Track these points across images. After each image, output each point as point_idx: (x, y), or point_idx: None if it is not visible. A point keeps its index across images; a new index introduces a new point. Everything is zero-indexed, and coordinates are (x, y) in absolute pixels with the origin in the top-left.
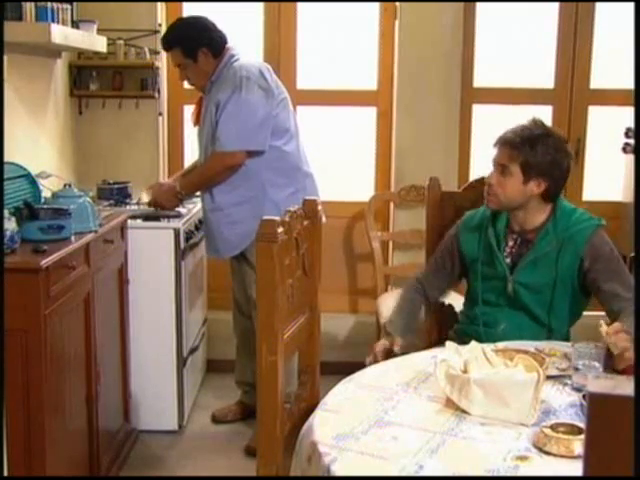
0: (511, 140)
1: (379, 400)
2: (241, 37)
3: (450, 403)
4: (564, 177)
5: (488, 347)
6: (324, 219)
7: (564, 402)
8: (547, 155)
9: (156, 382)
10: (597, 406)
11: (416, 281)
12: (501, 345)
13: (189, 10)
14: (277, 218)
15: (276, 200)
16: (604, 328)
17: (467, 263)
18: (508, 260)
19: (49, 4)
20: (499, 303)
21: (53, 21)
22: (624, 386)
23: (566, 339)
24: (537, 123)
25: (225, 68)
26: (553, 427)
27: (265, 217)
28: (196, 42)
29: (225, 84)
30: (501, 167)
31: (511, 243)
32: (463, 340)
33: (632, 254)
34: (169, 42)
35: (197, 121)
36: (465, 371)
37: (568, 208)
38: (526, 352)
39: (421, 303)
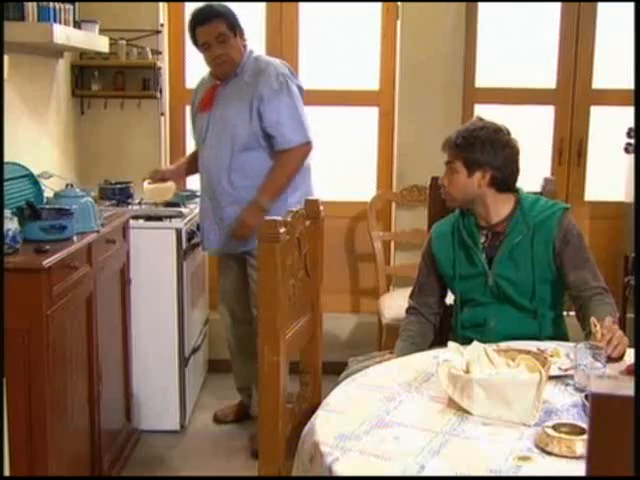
0: (450, 140)
1: (381, 400)
2: None
3: (452, 403)
4: (509, 165)
5: (490, 347)
6: None
7: (566, 402)
8: (484, 147)
9: (158, 382)
10: (599, 407)
11: (410, 311)
12: (503, 345)
13: (191, 2)
14: (279, 218)
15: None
16: (598, 329)
17: (444, 270)
18: (483, 256)
19: (51, 4)
20: (484, 301)
21: (55, 21)
22: (626, 386)
23: (558, 324)
24: (476, 120)
25: (249, 60)
26: (555, 427)
27: (267, 217)
28: (237, 19)
29: (264, 79)
30: (448, 167)
31: (483, 239)
32: (461, 344)
33: (633, 254)
34: (216, 11)
35: (206, 107)
36: (467, 371)
37: (532, 197)
38: (528, 352)
39: (423, 331)
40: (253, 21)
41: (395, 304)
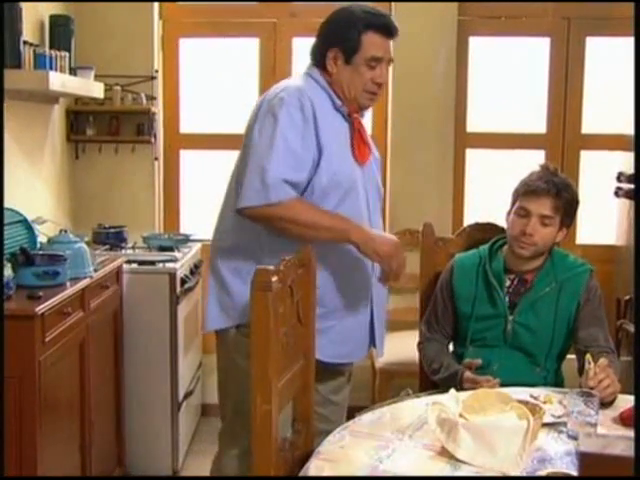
0: (552, 192)
1: (374, 448)
2: (237, 82)
3: (445, 451)
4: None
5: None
6: None
7: (560, 450)
8: (577, 208)
9: (150, 426)
10: (588, 466)
11: (429, 340)
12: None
13: (186, 48)
14: (271, 267)
15: None
16: (592, 366)
17: (461, 306)
18: (507, 299)
19: (47, 52)
20: (494, 343)
21: (51, 69)
22: (615, 444)
23: (557, 375)
24: (551, 169)
25: None
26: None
27: (260, 266)
28: None
29: None
30: (543, 218)
31: (508, 283)
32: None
33: (627, 297)
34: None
35: (366, 157)
36: (462, 416)
37: (562, 252)
38: (521, 401)
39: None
40: (245, 62)
41: (388, 348)
